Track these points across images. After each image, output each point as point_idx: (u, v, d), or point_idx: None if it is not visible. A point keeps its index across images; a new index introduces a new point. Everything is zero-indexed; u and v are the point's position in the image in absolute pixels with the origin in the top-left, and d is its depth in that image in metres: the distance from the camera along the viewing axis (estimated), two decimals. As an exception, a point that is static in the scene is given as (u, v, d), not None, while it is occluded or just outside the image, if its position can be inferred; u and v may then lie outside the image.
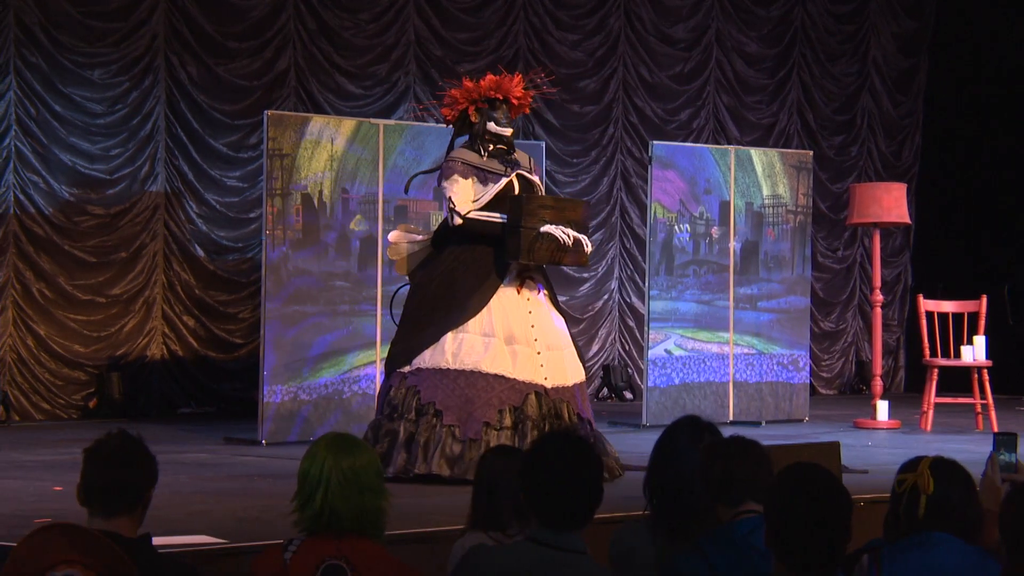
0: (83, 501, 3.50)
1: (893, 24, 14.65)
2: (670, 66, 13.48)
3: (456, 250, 7.69)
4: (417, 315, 7.63)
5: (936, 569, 3.46)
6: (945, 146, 14.86)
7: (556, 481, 3.45)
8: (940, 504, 3.53)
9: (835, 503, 3.37)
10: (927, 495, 3.54)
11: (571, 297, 12.95)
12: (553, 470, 3.47)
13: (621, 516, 5.37)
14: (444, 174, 7.74)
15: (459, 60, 12.28)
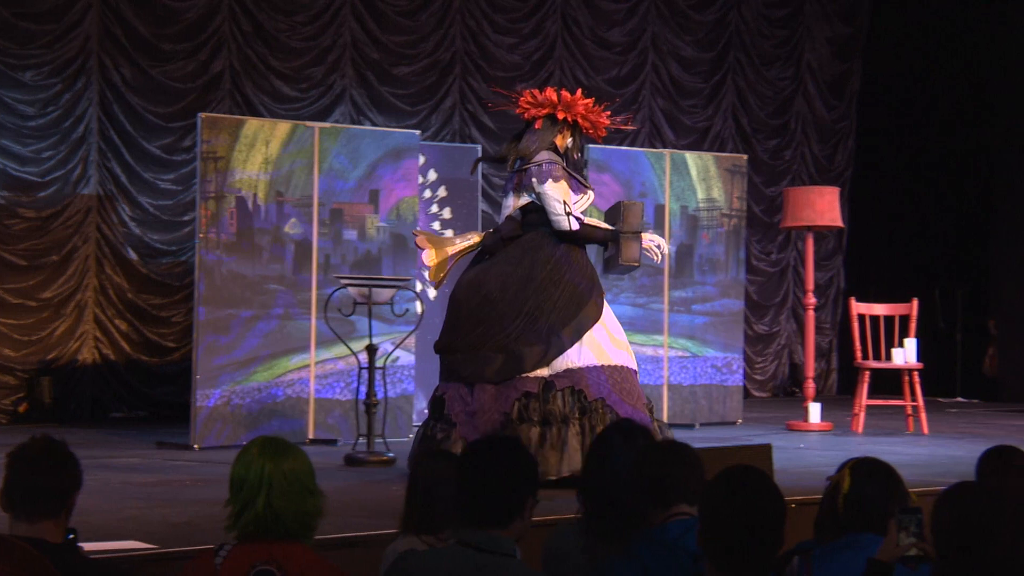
0: (6, 506, 3.46)
1: (827, 29, 14.76)
2: (606, 70, 13.52)
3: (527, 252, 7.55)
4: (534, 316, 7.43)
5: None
6: (878, 150, 14.99)
7: (485, 481, 3.45)
8: (858, 502, 3.56)
9: (768, 505, 3.38)
10: (844, 494, 3.57)
11: (507, 300, 12.93)
12: (483, 470, 3.47)
13: (554, 519, 5.36)
14: (548, 175, 7.53)
15: (395, 63, 12.26)
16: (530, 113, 7.69)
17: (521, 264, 7.50)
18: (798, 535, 3.81)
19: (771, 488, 3.44)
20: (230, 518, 3.44)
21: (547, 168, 7.52)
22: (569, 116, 7.65)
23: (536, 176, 7.51)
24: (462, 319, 7.49)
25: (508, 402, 7.27)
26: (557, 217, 7.48)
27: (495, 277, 7.51)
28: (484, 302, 7.46)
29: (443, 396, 7.44)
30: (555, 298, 7.46)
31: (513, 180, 7.68)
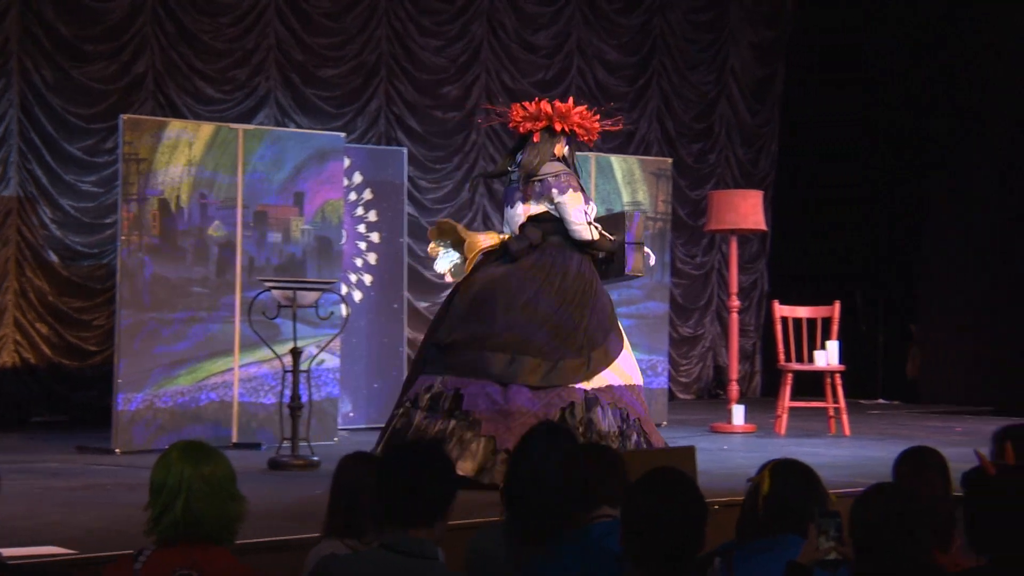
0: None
1: (751, 33, 14.87)
2: (532, 73, 13.54)
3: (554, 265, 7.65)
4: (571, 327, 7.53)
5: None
6: (801, 154, 15.12)
7: (407, 483, 3.44)
8: (777, 503, 3.60)
9: (690, 507, 3.41)
10: (763, 495, 3.61)
11: (433, 303, 12.92)
12: (405, 472, 3.46)
13: (478, 522, 5.36)
14: (568, 186, 7.69)
15: (320, 65, 12.21)
16: (525, 127, 7.80)
17: (552, 274, 7.62)
18: (721, 536, 3.84)
19: (693, 490, 3.46)
20: (150, 522, 3.42)
21: (565, 179, 7.69)
22: (566, 127, 7.79)
23: (556, 187, 7.66)
24: (485, 316, 7.50)
25: (552, 409, 7.30)
26: (579, 227, 7.69)
27: (528, 282, 7.60)
28: (512, 303, 7.53)
29: (461, 392, 7.34)
30: (589, 314, 7.60)
31: (519, 191, 7.76)
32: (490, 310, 7.52)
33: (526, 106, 7.86)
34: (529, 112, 7.81)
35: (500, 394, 7.33)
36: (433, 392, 7.43)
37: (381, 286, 10.92)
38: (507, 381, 7.35)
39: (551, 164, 7.74)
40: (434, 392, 7.42)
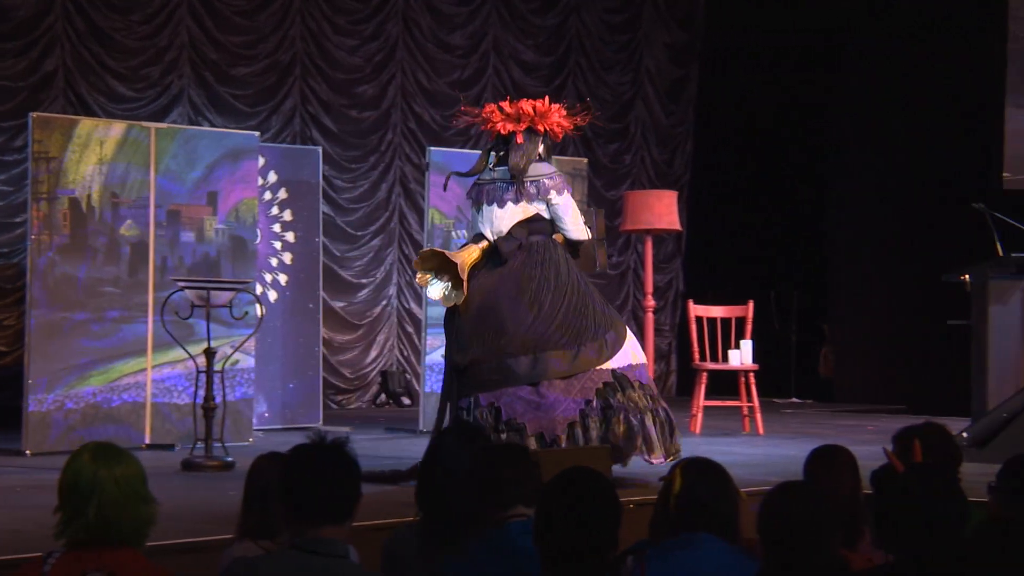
0: None
1: (665, 35, 14.95)
2: (448, 73, 13.53)
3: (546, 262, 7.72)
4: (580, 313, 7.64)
5: (697, 569, 3.55)
6: (715, 155, 15.23)
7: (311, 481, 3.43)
8: (689, 502, 3.63)
9: (603, 507, 3.42)
10: (675, 493, 3.63)
11: (349, 303, 12.90)
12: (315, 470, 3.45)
13: (393, 522, 5.36)
14: (564, 187, 7.80)
15: (234, 63, 12.13)
16: (507, 128, 7.82)
17: (546, 269, 7.67)
18: (636, 535, 3.86)
19: (607, 490, 3.48)
20: (59, 525, 3.38)
21: (560, 180, 7.79)
22: (545, 126, 7.84)
23: (554, 188, 7.72)
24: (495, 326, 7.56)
25: (588, 393, 7.45)
26: (576, 226, 7.82)
27: (525, 281, 7.65)
28: (517, 306, 7.58)
29: (497, 405, 7.42)
30: (591, 300, 7.74)
31: (508, 191, 7.75)
32: (498, 319, 7.57)
33: (503, 107, 7.89)
34: (509, 113, 7.85)
35: (534, 393, 7.44)
36: (472, 414, 7.49)
37: (297, 286, 10.86)
38: (537, 380, 7.45)
39: (539, 165, 7.80)
40: (472, 414, 7.48)
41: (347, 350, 12.90)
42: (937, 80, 13.74)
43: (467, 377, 7.57)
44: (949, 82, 13.67)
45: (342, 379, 12.84)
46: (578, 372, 7.51)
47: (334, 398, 12.68)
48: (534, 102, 7.91)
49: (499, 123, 7.84)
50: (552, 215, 7.77)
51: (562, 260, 7.76)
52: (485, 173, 7.91)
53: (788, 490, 3.40)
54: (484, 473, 3.86)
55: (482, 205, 7.87)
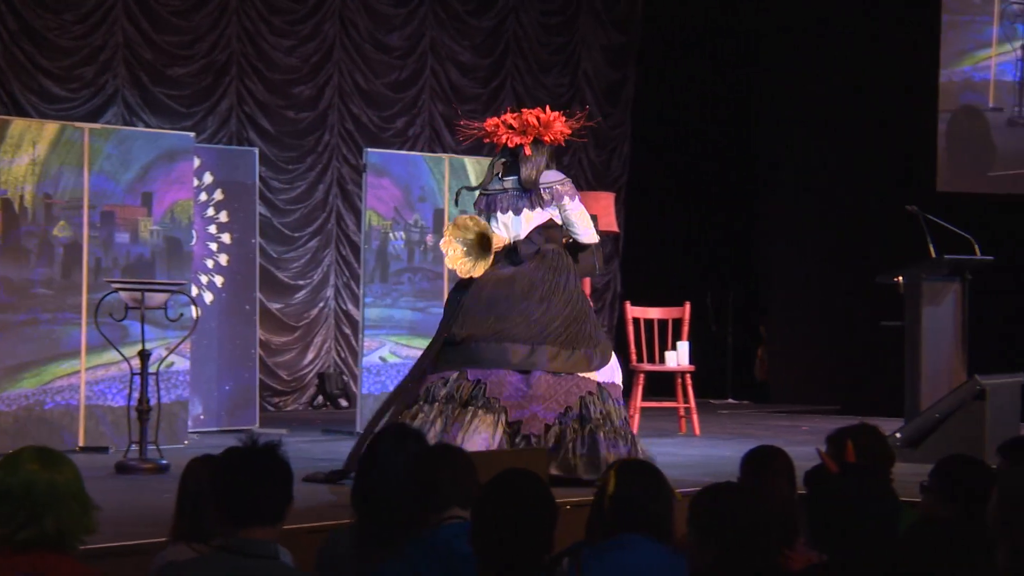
0: None
1: (602, 37, 14.99)
2: (385, 73, 13.50)
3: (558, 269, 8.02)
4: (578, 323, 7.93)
5: (631, 570, 3.56)
6: (652, 157, 15.29)
7: (243, 483, 3.42)
8: (623, 503, 3.64)
9: (540, 508, 3.43)
10: (609, 495, 3.65)
11: (286, 305, 12.84)
12: (239, 472, 3.44)
13: (328, 524, 5.34)
14: (574, 193, 8.09)
15: (170, 64, 12.04)
16: (515, 141, 8.07)
17: (558, 276, 7.97)
18: (573, 537, 3.87)
19: (542, 491, 3.49)
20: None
21: (570, 186, 8.09)
22: (551, 137, 8.11)
23: (567, 194, 8.02)
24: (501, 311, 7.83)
25: (572, 397, 7.69)
26: (588, 231, 8.12)
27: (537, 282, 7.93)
28: (528, 299, 7.87)
29: (483, 382, 7.65)
30: (590, 313, 8.09)
31: (523, 200, 8.03)
32: (506, 305, 7.85)
33: (508, 120, 8.13)
34: (515, 127, 8.09)
35: (523, 381, 7.70)
36: (450, 385, 7.73)
37: (233, 287, 10.80)
38: (528, 369, 7.71)
39: (548, 172, 8.08)
40: (451, 385, 7.72)
41: (284, 352, 12.85)
42: (872, 83, 13.86)
43: (459, 350, 7.82)
44: (883, 84, 13.79)
45: (279, 381, 12.78)
46: (568, 371, 7.76)
47: (271, 400, 12.62)
48: (538, 112, 8.15)
49: (505, 136, 8.09)
50: (563, 219, 8.08)
51: (572, 271, 8.08)
52: (494, 183, 8.16)
53: (719, 490, 3.42)
54: (420, 475, 3.86)
55: (495, 214, 8.12)
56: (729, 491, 3.42)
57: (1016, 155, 13.62)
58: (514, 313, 7.82)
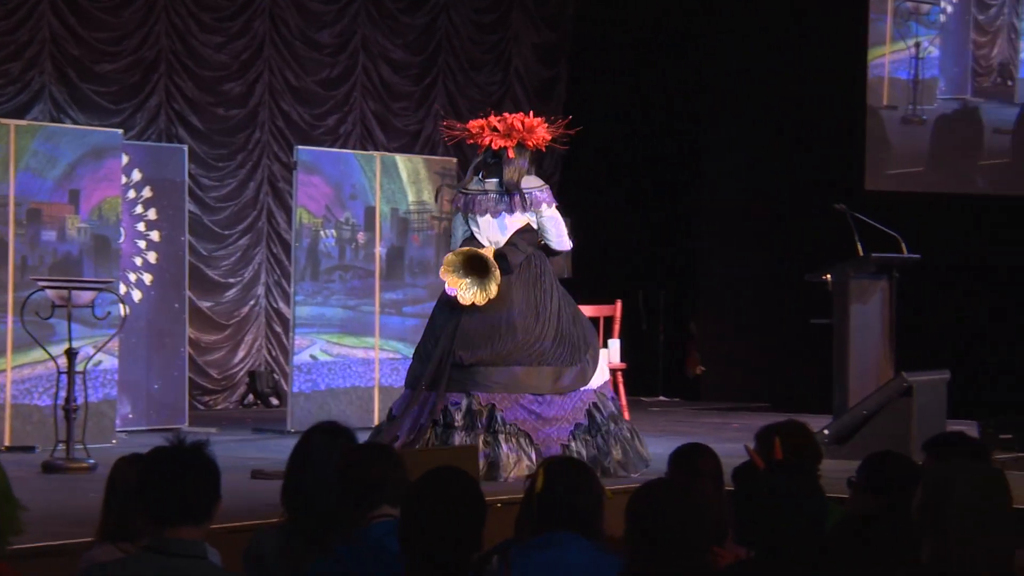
0: None
1: (534, 35, 15.00)
2: (316, 71, 13.44)
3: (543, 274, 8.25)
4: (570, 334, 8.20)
5: (561, 567, 3.57)
6: (584, 154, 15.31)
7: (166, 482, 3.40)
8: (552, 501, 3.65)
9: (470, 506, 3.42)
10: (538, 493, 3.65)
11: (216, 303, 12.76)
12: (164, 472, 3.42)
13: (257, 523, 5.31)
14: (552, 199, 8.31)
15: (98, 60, 11.93)
16: (498, 143, 8.25)
17: (544, 281, 8.23)
18: (504, 535, 3.87)
19: (472, 489, 3.48)
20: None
21: (548, 193, 8.32)
22: (533, 142, 8.32)
23: (546, 201, 8.25)
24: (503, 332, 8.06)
25: (579, 413, 8.05)
26: (563, 238, 8.35)
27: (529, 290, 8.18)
28: (524, 316, 8.11)
29: (497, 407, 7.89)
30: (576, 317, 8.35)
31: (503, 203, 8.22)
32: (509, 327, 8.07)
33: (492, 123, 8.29)
34: (499, 130, 8.27)
35: (534, 403, 7.98)
36: (465, 410, 7.93)
37: (162, 285, 10.72)
38: (538, 392, 8.00)
39: (529, 178, 8.30)
40: (466, 410, 7.93)
41: (214, 350, 12.77)
42: (802, 82, 13.96)
43: (467, 373, 8.02)
44: (813, 84, 13.89)
45: (209, 380, 12.70)
46: (574, 389, 8.09)
47: (201, 399, 12.54)
48: (522, 117, 8.34)
49: (488, 138, 8.27)
50: (539, 225, 8.28)
51: (551, 273, 8.34)
52: (475, 183, 8.33)
53: (652, 489, 3.43)
54: (350, 473, 3.84)
55: (474, 215, 8.28)
56: (659, 488, 3.43)
57: (911, 154, 13.78)
58: (518, 333, 8.04)
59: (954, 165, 13.89)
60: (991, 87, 13.90)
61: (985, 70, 13.88)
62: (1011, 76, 13.84)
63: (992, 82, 13.90)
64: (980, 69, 13.88)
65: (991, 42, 13.88)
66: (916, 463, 4.17)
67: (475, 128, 8.34)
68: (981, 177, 13.92)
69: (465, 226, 8.34)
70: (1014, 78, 13.81)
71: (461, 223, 8.39)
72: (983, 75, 13.89)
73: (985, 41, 13.87)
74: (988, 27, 13.86)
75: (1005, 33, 13.85)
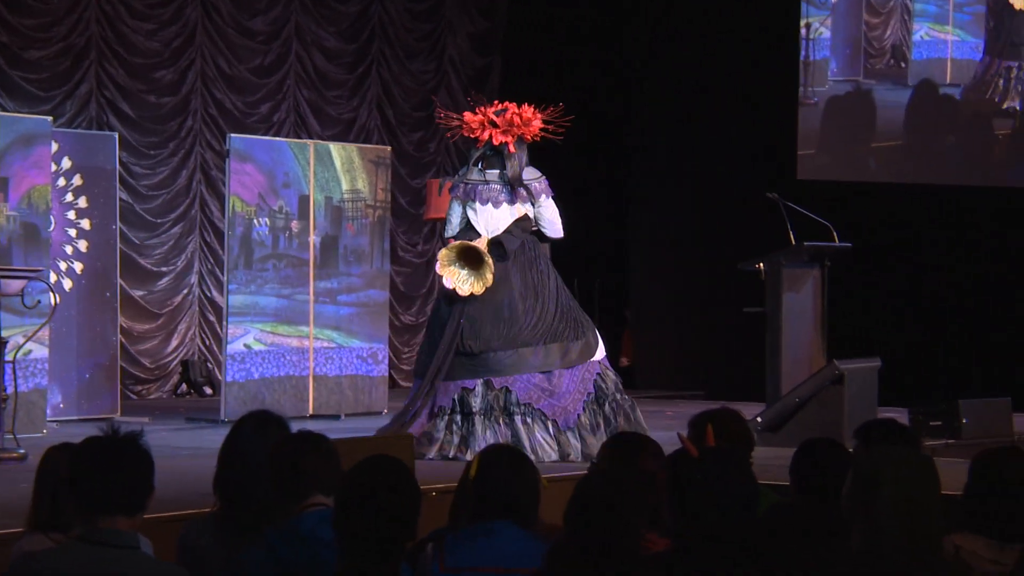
0: None
1: (468, 24, 14.99)
2: (249, 59, 13.36)
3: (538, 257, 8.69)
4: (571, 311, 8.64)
5: (494, 555, 3.58)
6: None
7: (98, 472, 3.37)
8: (486, 489, 3.65)
9: (403, 494, 3.42)
10: (472, 481, 3.66)
11: (149, 292, 12.67)
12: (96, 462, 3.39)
13: (191, 513, 5.28)
14: (550, 190, 8.76)
15: (27, 47, 11.79)
16: (499, 138, 8.60)
17: (542, 264, 8.66)
18: (441, 523, 3.87)
19: (406, 478, 3.48)
20: None
21: (546, 184, 8.74)
22: (531, 133, 8.71)
23: (544, 192, 8.70)
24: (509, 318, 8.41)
25: (588, 384, 8.45)
26: (557, 227, 8.79)
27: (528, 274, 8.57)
28: (527, 298, 8.49)
29: (510, 388, 8.25)
30: (571, 296, 8.75)
31: (504, 193, 8.59)
32: (512, 311, 8.41)
33: (490, 116, 8.64)
34: (499, 124, 8.62)
35: (544, 381, 8.34)
36: (478, 395, 8.29)
37: (93, 274, 10.62)
38: (547, 369, 8.35)
39: (528, 169, 8.69)
40: (480, 395, 8.29)
41: (147, 339, 12.68)
42: (733, 72, 14.03)
43: (477, 360, 8.36)
44: (745, 74, 13.96)
45: (142, 369, 12.61)
46: (580, 363, 8.46)
47: (133, 388, 12.45)
48: (520, 111, 8.68)
49: (487, 132, 8.62)
50: (536, 215, 8.69)
51: (546, 256, 8.75)
52: (474, 174, 8.65)
53: (591, 475, 3.45)
54: (281, 462, 3.83)
55: (474, 204, 8.60)
56: (596, 478, 3.45)
57: (802, 137, 13.82)
58: (520, 316, 8.40)
59: (846, 148, 13.83)
60: (884, 69, 13.88)
61: (878, 52, 13.85)
62: (904, 58, 13.82)
63: (885, 64, 13.87)
64: (872, 51, 13.84)
65: (884, 23, 13.85)
66: (848, 450, 4.20)
67: (475, 123, 8.65)
68: (874, 160, 13.93)
69: (463, 214, 8.63)
70: (907, 60, 13.81)
71: (458, 211, 8.67)
72: (876, 56, 13.85)
73: (878, 22, 13.85)
74: (881, 8, 13.85)
75: (898, 14, 13.82)
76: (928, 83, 13.75)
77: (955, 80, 13.77)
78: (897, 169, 13.77)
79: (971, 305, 13.48)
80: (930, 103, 13.75)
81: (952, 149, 13.86)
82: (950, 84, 13.77)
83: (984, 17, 13.79)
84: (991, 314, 13.40)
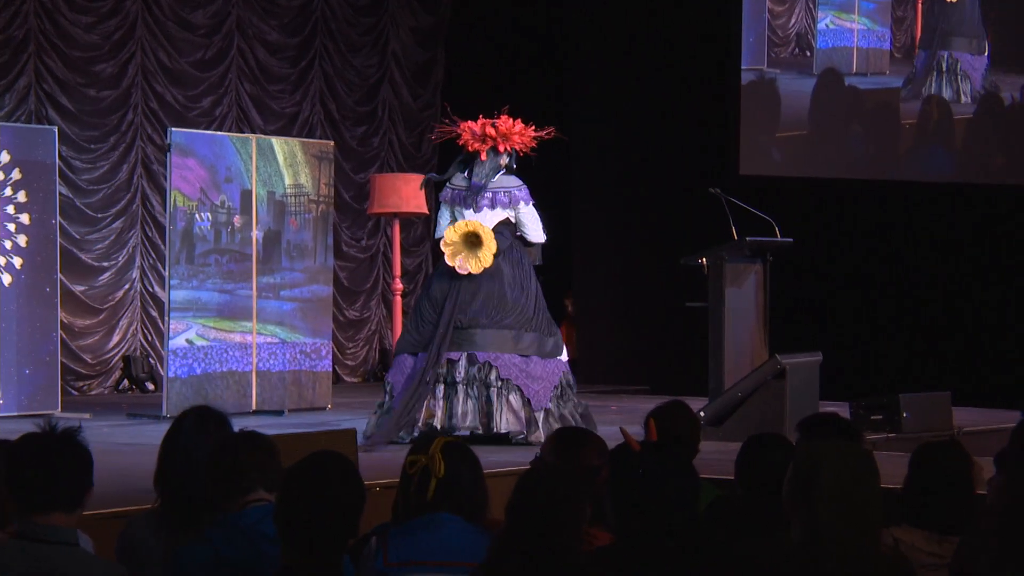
0: None
1: (411, 18, 14.96)
2: (191, 52, 13.28)
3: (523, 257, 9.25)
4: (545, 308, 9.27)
5: (440, 548, 3.57)
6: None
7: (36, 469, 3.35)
8: (450, 486, 3.65)
9: (348, 489, 3.41)
10: (438, 478, 3.65)
11: (90, 287, 12.58)
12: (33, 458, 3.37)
13: (133, 509, 5.25)
14: (529, 197, 9.24)
15: (-35, 40, 11.68)
16: (474, 146, 9.19)
17: (524, 263, 9.21)
18: (383, 517, 3.86)
19: (350, 472, 3.46)
20: None
21: (526, 191, 9.22)
22: (508, 146, 9.22)
23: (523, 199, 9.22)
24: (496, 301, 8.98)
25: (555, 377, 8.99)
26: (539, 231, 9.30)
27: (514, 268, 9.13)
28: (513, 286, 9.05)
29: (493, 364, 8.81)
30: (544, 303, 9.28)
31: (484, 199, 9.10)
32: (500, 295, 8.98)
33: (472, 127, 9.25)
34: (476, 134, 9.21)
35: (523, 363, 8.90)
36: (462, 367, 8.84)
37: (32, 269, 10.53)
38: (527, 353, 8.93)
39: (508, 177, 9.20)
40: (463, 368, 8.84)
41: (88, 335, 12.59)
42: (676, 65, 14.06)
43: (463, 335, 8.91)
44: (688, 68, 14.00)
45: (83, 364, 12.52)
46: (552, 357, 9.02)
47: (74, 384, 12.36)
48: (499, 123, 9.23)
49: (470, 141, 9.22)
50: (517, 220, 9.21)
51: (529, 259, 9.28)
52: (459, 180, 9.22)
53: (532, 469, 3.45)
54: (223, 458, 3.81)
55: (460, 208, 9.15)
56: (538, 473, 3.45)
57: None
58: (507, 302, 8.98)
59: (751, 138, 13.75)
60: (788, 58, 13.81)
61: (782, 40, 13.79)
62: (809, 46, 13.77)
63: (790, 52, 13.81)
64: (777, 39, 13.77)
65: (788, 11, 13.78)
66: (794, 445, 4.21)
67: (461, 129, 9.28)
68: (777, 150, 13.94)
69: (451, 217, 9.17)
70: (812, 48, 13.76)
71: (447, 214, 9.22)
72: (780, 45, 13.77)
73: (782, 10, 13.77)
74: (786, -5, 13.77)
75: (803, 3, 13.76)
76: (833, 72, 13.70)
77: (861, 69, 13.71)
78: (803, 160, 13.69)
79: (912, 299, 13.58)
80: (835, 92, 13.71)
81: (856, 139, 13.81)
82: (856, 73, 13.72)
83: (889, 6, 13.73)
84: (931, 308, 13.51)
